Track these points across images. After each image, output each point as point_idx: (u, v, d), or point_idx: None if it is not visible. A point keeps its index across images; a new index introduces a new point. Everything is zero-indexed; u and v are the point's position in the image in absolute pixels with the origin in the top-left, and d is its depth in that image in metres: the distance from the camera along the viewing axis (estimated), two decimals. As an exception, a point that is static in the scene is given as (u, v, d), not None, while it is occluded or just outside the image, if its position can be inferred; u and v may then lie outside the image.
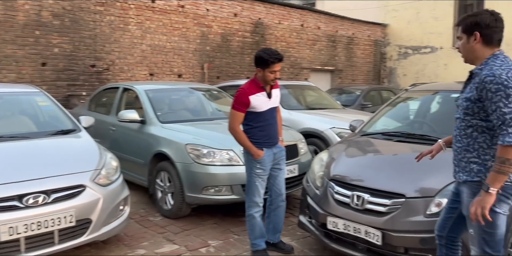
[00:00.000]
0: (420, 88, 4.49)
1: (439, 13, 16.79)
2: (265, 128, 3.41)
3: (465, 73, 4.38)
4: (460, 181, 2.31)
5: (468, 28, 2.21)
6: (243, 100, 3.31)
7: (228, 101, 6.06)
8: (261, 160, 3.38)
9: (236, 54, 12.91)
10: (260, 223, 3.49)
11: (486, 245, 2.20)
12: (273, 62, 3.28)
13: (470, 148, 2.24)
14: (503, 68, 2.08)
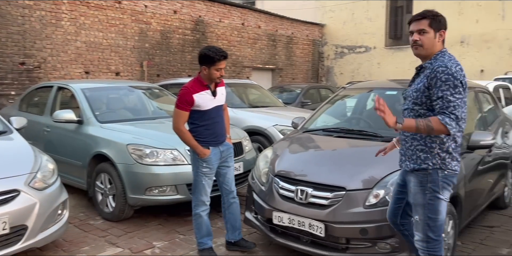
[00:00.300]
0: (357, 86, 4.71)
1: (372, 14, 17.61)
2: (211, 127, 3.37)
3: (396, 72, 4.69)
4: (408, 169, 2.47)
5: (438, 25, 2.39)
6: (187, 98, 3.26)
7: (170, 99, 5.97)
8: (207, 159, 3.35)
9: (177, 51, 12.72)
10: (207, 222, 3.48)
11: (429, 230, 2.39)
12: (219, 60, 3.25)
13: (418, 136, 2.40)
14: (452, 62, 2.31)
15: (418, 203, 2.42)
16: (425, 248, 2.43)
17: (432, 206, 2.37)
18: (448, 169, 2.36)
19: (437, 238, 2.42)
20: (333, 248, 3.05)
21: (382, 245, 2.91)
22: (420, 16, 2.43)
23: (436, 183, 2.37)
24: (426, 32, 2.38)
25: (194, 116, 3.33)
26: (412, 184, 2.45)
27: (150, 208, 4.52)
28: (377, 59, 17.69)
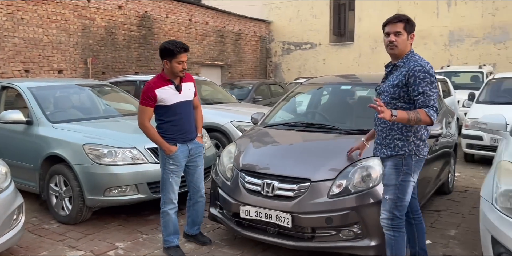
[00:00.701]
0: (312, 81, 4.85)
1: (317, 11, 18.05)
2: (177, 123, 3.34)
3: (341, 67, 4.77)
4: (385, 156, 2.71)
5: (410, 29, 2.66)
6: (149, 94, 3.23)
7: (121, 97, 5.82)
8: (173, 156, 3.32)
9: (123, 48, 12.36)
10: (174, 220, 3.46)
11: (395, 209, 2.67)
12: (179, 52, 3.22)
13: (395, 127, 2.65)
14: (423, 61, 2.58)
15: (391, 183, 2.67)
16: (390, 225, 2.69)
17: (403, 186, 2.64)
18: (420, 155, 2.66)
19: (401, 217, 2.69)
20: (299, 238, 3.16)
21: (345, 232, 3.05)
22: (396, 19, 2.66)
23: (410, 166, 2.64)
24: (401, 34, 2.64)
25: (160, 112, 3.31)
26: (388, 167, 2.70)
27: (109, 209, 4.41)
28: (322, 55, 18.18)
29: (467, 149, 7.11)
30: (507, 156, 2.85)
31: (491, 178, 2.80)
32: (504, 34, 14.25)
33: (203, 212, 3.73)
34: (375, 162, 3.18)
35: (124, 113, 5.36)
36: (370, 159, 3.20)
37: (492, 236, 2.55)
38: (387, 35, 2.69)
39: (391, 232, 2.70)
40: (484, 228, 2.68)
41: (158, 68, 13.59)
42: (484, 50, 14.57)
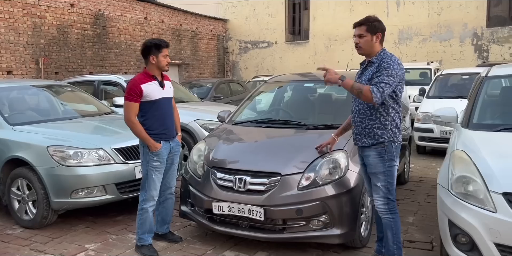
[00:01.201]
0: (276, 79, 4.99)
1: (272, 10, 18.29)
2: (161, 118, 3.41)
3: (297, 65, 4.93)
4: (366, 145, 2.90)
5: (374, 30, 2.87)
6: (136, 89, 3.30)
7: (82, 97, 5.71)
8: (158, 153, 3.37)
9: (76, 47, 12.00)
10: (151, 218, 3.49)
11: (389, 193, 2.91)
12: (164, 46, 3.39)
13: (373, 117, 2.88)
14: (393, 57, 2.86)
15: (379, 171, 2.89)
16: (387, 209, 2.93)
17: (390, 172, 2.89)
18: (398, 141, 2.91)
19: (394, 200, 2.95)
20: (271, 230, 3.28)
21: (315, 222, 3.20)
22: (359, 23, 2.90)
23: (392, 153, 2.89)
24: (364, 36, 2.88)
25: (144, 108, 3.37)
26: (371, 158, 2.90)
27: (75, 211, 4.34)
28: (279, 53, 18.45)
29: (420, 142, 7.52)
30: (460, 146, 3.10)
31: (446, 166, 3.04)
32: (448, 33, 15.08)
33: (172, 210, 3.77)
34: (340, 155, 3.36)
35: (84, 114, 5.26)
36: (336, 152, 3.37)
37: (449, 219, 2.78)
38: (354, 37, 2.94)
39: (389, 215, 2.93)
40: (441, 213, 2.90)
41: (113, 67, 13.30)
42: (431, 47, 15.35)
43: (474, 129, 3.38)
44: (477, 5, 14.56)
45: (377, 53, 2.91)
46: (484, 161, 2.78)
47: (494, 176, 2.63)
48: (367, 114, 2.91)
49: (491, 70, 4.00)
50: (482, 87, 3.74)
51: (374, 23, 2.88)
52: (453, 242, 2.77)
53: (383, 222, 2.98)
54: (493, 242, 2.52)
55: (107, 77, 7.38)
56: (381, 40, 2.92)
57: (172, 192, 3.68)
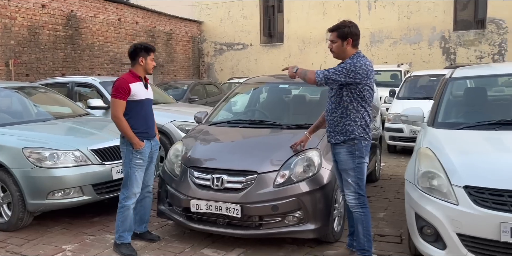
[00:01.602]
0: (252, 81, 5.10)
1: (247, 12, 18.43)
2: (145, 117, 3.55)
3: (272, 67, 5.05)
4: (339, 141, 3.05)
5: (344, 35, 3.01)
6: (124, 87, 3.42)
7: (57, 99, 5.67)
8: (141, 151, 3.48)
9: (48, 49, 11.81)
10: (132, 216, 3.55)
11: (359, 188, 3.08)
12: (152, 50, 3.58)
13: (344, 114, 3.06)
14: (363, 60, 3.01)
15: (349, 167, 3.05)
16: (358, 204, 3.08)
17: (360, 168, 3.04)
18: (368, 139, 3.08)
19: (364, 194, 3.11)
20: (248, 226, 3.38)
21: (290, 218, 3.32)
22: (330, 29, 3.07)
23: (361, 150, 3.05)
24: (335, 41, 3.07)
25: (130, 107, 3.47)
26: (341, 154, 3.06)
27: (50, 214, 4.32)
28: (254, 55, 18.59)
29: (390, 141, 7.78)
30: (426, 143, 3.28)
31: (413, 163, 3.22)
32: (418, 36, 15.57)
33: (150, 209, 3.82)
34: (314, 153, 3.49)
35: (59, 116, 5.22)
36: (309, 150, 3.50)
37: (415, 212, 2.95)
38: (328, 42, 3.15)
39: (360, 209, 3.07)
40: (408, 206, 3.07)
41: (86, 69, 13.14)
42: (401, 50, 15.81)
43: (438, 127, 3.58)
44: (445, 9, 15.11)
45: (350, 56, 3.05)
46: (447, 157, 2.96)
47: (456, 171, 2.82)
48: (339, 112, 3.08)
49: (455, 72, 4.23)
50: (447, 88, 3.96)
51: (344, 29, 3.02)
52: (419, 233, 2.94)
53: (354, 216, 3.12)
54: (455, 232, 2.70)
55: (82, 79, 7.33)
56: (353, 44, 3.05)
57: (150, 190, 3.75)
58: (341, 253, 3.34)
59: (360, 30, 3.16)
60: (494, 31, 14.54)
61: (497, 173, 2.71)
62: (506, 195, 2.57)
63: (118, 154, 4.24)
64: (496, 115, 3.63)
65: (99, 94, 6.81)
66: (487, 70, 4.59)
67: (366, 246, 3.08)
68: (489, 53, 14.66)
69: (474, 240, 2.65)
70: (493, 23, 14.53)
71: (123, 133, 3.49)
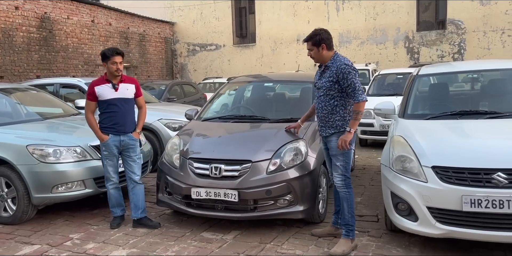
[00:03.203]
0: (238, 80, 5.48)
1: (219, 14, 18.76)
2: (111, 115, 4.02)
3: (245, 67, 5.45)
4: (329, 134, 3.48)
5: (317, 42, 3.40)
6: (89, 90, 4.05)
7: (49, 99, 5.86)
8: (105, 144, 4.01)
9: (22, 51, 11.79)
10: (115, 194, 4.15)
11: (345, 171, 3.47)
12: (112, 55, 3.97)
13: (334, 111, 3.46)
14: (345, 60, 3.41)
15: (339, 153, 3.43)
16: (344, 184, 3.48)
17: (348, 154, 3.44)
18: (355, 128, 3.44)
19: (349, 177, 3.52)
20: (244, 210, 3.76)
21: (281, 201, 3.73)
22: (305, 40, 3.48)
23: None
24: (312, 49, 3.47)
25: (100, 106, 4.07)
26: (332, 142, 3.46)
27: (51, 208, 4.55)
28: (227, 56, 18.95)
29: (362, 135, 8.31)
30: (398, 132, 3.75)
31: (387, 149, 3.68)
32: (383, 36, 16.35)
33: (143, 196, 4.18)
34: (301, 143, 3.91)
35: (52, 116, 5.41)
36: (297, 141, 3.93)
37: (391, 191, 3.41)
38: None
39: (345, 189, 3.47)
40: (385, 187, 3.53)
41: (60, 71, 13.16)
42: (368, 50, 16.56)
43: (408, 118, 4.07)
44: (408, 11, 15.94)
45: (330, 58, 3.46)
46: (417, 143, 3.44)
47: (425, 154, 3.29)
48: (328, 110, 3.46)
49: (421, 69, 4.75)
50: (414, 83, 4.47)
51: (316, 37, 3.40)
52: (395, 209, 3.40)
53: (340, 196, 3.54)
54: (425, 206, 3.17)
55: (67, 80, 7.51)
56: (328, 48, 3.43)
57: (136, 180, 4.15)
58: (327, 231, 3.77)
59: (330, 31, 3.55)
60: (453, 31, 15.48)
61: (459, 154, 3.20)
62: (466, 172, 3.06)
63: (116, 150, 4.55)
64: (457, 106, 4.17)
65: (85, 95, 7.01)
66: (450, 67, 5.16)
67: (350, 222, 3.49)
68: (449, 52, 15.60)
69: (441, 211, 3.12)
70: (452, 24, 15.47)
71: (91, 128, 4.07)
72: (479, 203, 2.96)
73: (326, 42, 3.42)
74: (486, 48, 15.07)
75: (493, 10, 14.81)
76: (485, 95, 4.52)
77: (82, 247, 3.73)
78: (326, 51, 3.44)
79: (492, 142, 3.36)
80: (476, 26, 15.09)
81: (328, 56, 3.46)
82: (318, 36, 3.40)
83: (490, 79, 4.72)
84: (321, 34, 3.42)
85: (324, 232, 3.76)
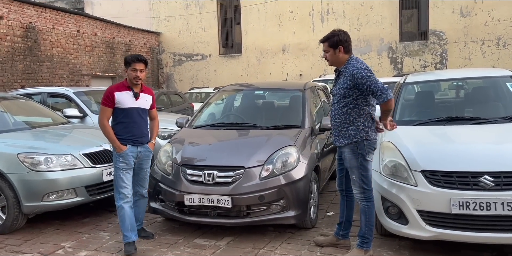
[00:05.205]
0: (228, 88, 5.54)
1: (205, 24, 18.89)
2: (129, 125, 3.71)
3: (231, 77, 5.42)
4: (342, 145, 3.34)
5: (334, 44, 3.26)
6: (109, 95, 3.66)
7: (37, 108, 5.82)
8: (123, 154, 3.67)
9: (6, 60, 11.68)
10: (130, 214, 3.69)
11: (364, 184, 3.29)
12: (133, 61, 3.68)
13: (347, 120, 3.30)
14: (359, 63, 3.23)
15: (353, 166, 3.29)
16: (363, 197, 3.31)
17: (363, 166, 3.27)
18: (370, 139, 3.29)
19: (369, 188, 3.32)
20: (236, 216, 3.79)
21: (274, 206, 3.77)
22: (322, 40, 3.35)
23: (364, 149, 3.27)
24: (328, 51, 3.33)
25: (116, 113, 3.71)
26: (346, 153, 3.34)
27: (41, 218, 4.50)
28: (213, 66, 19.04)
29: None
30: (387, 138, 3.84)
31: (377, 154, 3.76)
32: (367, 46, 16.68)
33: (144, 210, 4.06)
34: (292, 149, 3.98)
35: (40, 124, 5.37)
36: (288, 147, 3.99)
37: (382, 195, 3.48)
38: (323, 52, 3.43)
39: (365, 202, 3.30)
40: (376, 191, 3.60)
41: (45, 80, 13.04)
42: (353, 60, 16.81)
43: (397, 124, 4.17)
44: (391, 22, 16.32)
45: (345, 62, 3.30)
46: (406, 148, 3.53)
47: (414, 159, 3.38)
48: (342, 118, 3.31)
49: (408, 77, 4.90)
50: (401, 91, 4.59)
51: (333, 38, 3.26)
52: (385, 213, 3.48)
53: (360, 208, 3.41)
54: (415, 209, 3.25)
55: (54, 90, 7.44)
56: (345, 51, 3.27)
57: (143, 194, 3.96)
58: (329, 240, 3.71)
59: (315, 42, 3.44)
60: (435, 42, 15.89)
61: (447, 158, 3.31)
62: (454, 176, 3.16)
63: (108, 158, 4.54)
64: (443, 113, 4.30)
65: (73, 104, 6.98)
66: (435, 76, 5.33)
67: (366, 234, 3.34)
68: (432, 62, 15.98)
69: (431, 214, 3.21)
70: (434, 35, 15.89)
71: (106, 137, 3.74)
72: (467, 205, 3.06)
73: (344, 45, 3.27)
74: (467, 58, 15.50)
75: (473, 21, 15.27)
76: (469, 102, 4.67)
77: (75, 255, 3.70)
78: (343, 54, 3.29)
79: (478, 147, 3.48)
80: (457, 37, 15.53)
81: (344, 60, 3.30)
82: (336, 37, 3.26)
83: (474, 87, 4.88)
84: (339, 35, 3.27)
85: (326, 241, 3.71)
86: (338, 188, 3.65)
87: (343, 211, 3.63)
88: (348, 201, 3.62)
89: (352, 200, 3.61)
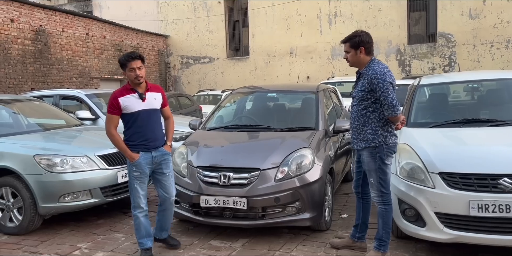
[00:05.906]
0: (240, 90, 5.55)
1: (212, 27, 18.96)
2: (141, 130, 3.48)
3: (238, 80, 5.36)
4: (360, 148, 3.33)
5: (356, 44, 3.23)
6: (113, 102, 3.44)
7: (52, 110, 5.88)
8: (136, 163, 3.47)
9: (17, 63, 11.77)
10: (145, 222, 3.56)
11: (382, 187, 3.27)
12: (127, 61, 3.41)
13: (366, 123, 3.28)
14: (380, 67, 3.19)
15: (371, 169, 3.27)
16: (381, 201, 3.29)
17: (381, 169, 3.24)
18: (390, 143, 3.26)
19: (387, 192, 3.28)
20: (252, 218, 3.80)
21: (289, 208, 3.78)
22: (343, 41, 3.32)
23: (382, 152, 3.24)
24: (349, 52, 3.30)
25: (125, 119, 3.51)
26: (364, 156, 3.32)
27: (56, 219, 4.53)
28: (220, 69, 19.08)
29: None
30: (403, 140, 3.83)
31: (394, 157, 3.75)
32: (376, 49, 16.59)
33: (171, 219, 3.82)
34: (307, 151, 3.98)
35: (56, 126, 5.41)
36: (303, 149, 3.99)
37: (398, 197, 3.47)
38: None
39: (383, 205, 3.29)
40: (392, 194, 3.59)
41: (55, 83, 13.14)
42: (361, 62, 16.79)
43: (412, 127, 4.17)
44: (399, 25, 16.29)
45: (366, 64, 3.26)
46: (423, 150, 3.52)
47: (431, 161, 3.37)
48: (361, 121, 3.29)
49: (422, 79, 4.88)
50: (416, 93, 4.58)
51: (355, 39, 3.23)
52: (402, 216, 3.47)
53: (378, 211, 3.34)
54: (433, 211, 3.24)
55: (67, 92, 7.52)
56: (366, 52, 3.24)
57: (171, 202, 3.70)
58: (345, 242, 3.70)
59: (322, 44, 3.44)
60: (444, 44, 15.84)
61: (465, 160, 3.29)
62: (473, 178, 3.15)
63: (122, 159, 4.55)
64: (459, 115, 4.28)
65: (85, 106, 7.03)
66: (449, 78, 5.31)
67: (384, 237, 3.33)
68: (440, 65, 15.92)
69: (449, 216, 3.19)
70: (443, 37, 15.84)
71: (115, 147, 3.57)
72: (486, 207, 3.04)
73: (366, 46, 3.23)
74: (476, 60, 15.42)
75: (482, 23, 15.21)
76: (485, 104, 4.64)
77: (91, 255, 3.72)
78: (364, 56, 3.25)
79: (496, 149, 3.46)
80: (466, 39, 15.46)
81: (365, 61, 3.26)
82: (358, 38, 3.22)
83: (488, 89, 4.86)
84: (361, 36, 3.23)
85: (342, 244, 3.70)
86: (354, 190, 3.64)
87: (359, 214, 3.62)
88: (364, 204, 3.60)
89: (369, 202, 3.59)
